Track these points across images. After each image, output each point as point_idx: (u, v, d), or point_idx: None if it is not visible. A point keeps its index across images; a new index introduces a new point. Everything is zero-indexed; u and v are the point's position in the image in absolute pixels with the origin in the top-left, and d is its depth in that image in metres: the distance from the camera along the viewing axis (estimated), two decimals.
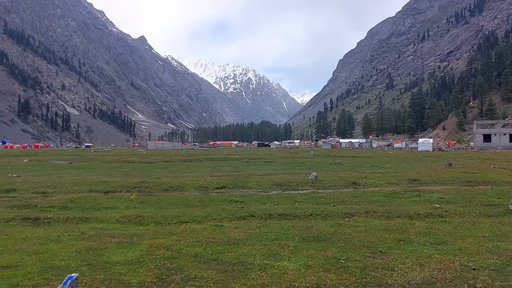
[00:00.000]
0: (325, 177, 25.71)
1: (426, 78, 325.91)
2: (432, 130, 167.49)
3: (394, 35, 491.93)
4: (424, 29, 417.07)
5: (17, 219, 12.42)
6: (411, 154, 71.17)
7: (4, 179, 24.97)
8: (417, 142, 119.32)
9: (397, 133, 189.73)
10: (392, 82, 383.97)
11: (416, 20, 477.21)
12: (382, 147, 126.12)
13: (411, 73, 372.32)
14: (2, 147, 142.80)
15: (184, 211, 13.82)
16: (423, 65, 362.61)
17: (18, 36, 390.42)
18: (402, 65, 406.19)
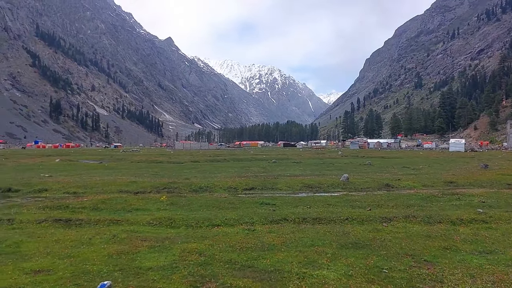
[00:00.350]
0: (357, 179, 25.05)
1: (456, 76, 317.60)
2: (463, 130, 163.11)
3: (423, 33, 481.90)
4: (454, 26, 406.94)
5: (49, 220, 12.37)
6: (442, 154, 69.41)
7: (36, 179, 25.27)
8: (447, 142, 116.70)
9: (426, 133, 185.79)
10: (420, 81, 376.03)
11: (446, 17, 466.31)
12: (411, 147, 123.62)
13: (440, 72, 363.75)
14: (35, 146, 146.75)
15: (215, 214, 13.52)
16: (453, 64, 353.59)
17: (49, 38, 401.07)
18: (431, 64, 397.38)
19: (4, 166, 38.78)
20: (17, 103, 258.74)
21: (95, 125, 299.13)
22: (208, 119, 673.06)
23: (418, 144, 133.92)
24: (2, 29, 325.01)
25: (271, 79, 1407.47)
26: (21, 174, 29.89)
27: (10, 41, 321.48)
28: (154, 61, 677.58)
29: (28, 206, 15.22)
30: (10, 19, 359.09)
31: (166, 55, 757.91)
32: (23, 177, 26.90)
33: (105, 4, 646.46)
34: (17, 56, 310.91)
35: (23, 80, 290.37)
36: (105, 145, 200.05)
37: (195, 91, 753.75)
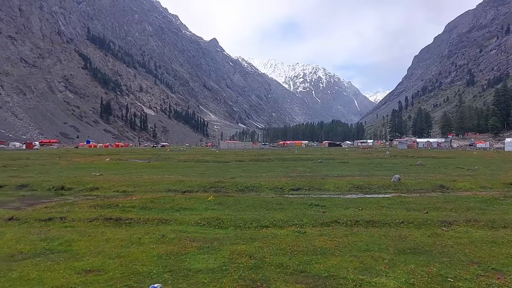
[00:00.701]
0: (409, 180, 24.04)
1: (511, 73, 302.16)
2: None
3: (475, 29, 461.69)
4: (508, 21, 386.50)
5: (99, 219, 12.51)
6: (498, 154, 66.04)
7: (88, 177, 26.01)
8: (502, 142, 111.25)
9: (479, 132, 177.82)
10: (473, 78, 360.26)
11: (499, 12, 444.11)
12: (463, 147, 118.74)
13: (494, 68, 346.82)
14: (86, 146, 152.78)
15: (263, 215, 13.20)
16: (508, 60, 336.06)
17: (100, 41, 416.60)
18: (484, 60, 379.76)
19: (57, 165, 40.31)
20: (70, 104, 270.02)
21: (143, 125, 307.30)
22: (252, 119, 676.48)
23: (471, 143, 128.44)
24: (56, 33, 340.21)
25: (315, 78, 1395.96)
26: (74, 172, 30.93)
27: (63, 45, 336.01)
28: (199, 62, 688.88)
29: (80, 204, 15.56)
30: (63, 24, 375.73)
31: (211, 56, 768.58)
32: (75, 175, 27.78)
33: (153, 7, 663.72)
34: (70, 59, 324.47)
35: (76, 82, 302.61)
36: (152, 145, 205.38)
37: (239, 91, 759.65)
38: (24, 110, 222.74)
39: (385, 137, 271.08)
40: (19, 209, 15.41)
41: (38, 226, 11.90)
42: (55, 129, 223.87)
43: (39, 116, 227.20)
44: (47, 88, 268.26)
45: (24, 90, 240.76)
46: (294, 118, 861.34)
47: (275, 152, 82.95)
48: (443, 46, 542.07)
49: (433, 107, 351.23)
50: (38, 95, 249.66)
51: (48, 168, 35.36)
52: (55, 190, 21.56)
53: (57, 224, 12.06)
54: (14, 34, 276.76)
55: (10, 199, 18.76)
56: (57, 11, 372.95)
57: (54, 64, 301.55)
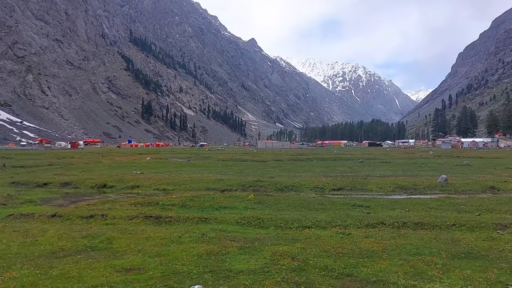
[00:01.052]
0: (456, 180, 22.97)
1: None
2: None
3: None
4: None
5: (140, 217, 12.49)
6: None
7: (129, 176, 26.40)
8: None
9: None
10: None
11: None
12: (511, 147, 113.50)
13: None
14: (128, 145, 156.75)
15: (305, 215, 12.80)
16: None
17: (142, 43, 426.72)
18: None
19: (100, 164, 41.32)
20: (113, 104, 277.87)
21: (183, 125, 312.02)
22: (289, 118, 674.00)
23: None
24: (100, 36, 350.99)
25: (355, 77, 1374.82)
26: (115, 171, 31.53)
27: (107, 47, 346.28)
28: (238, 62, 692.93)
29: (121, 202, 15.67)
30: (107, 26, 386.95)
31: (250, 56, 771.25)
32: (117, 174, 28.27)
33: (192, 8, 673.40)
34: (113, 61, 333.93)
35: (118, 83, 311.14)
36: (192, 144, 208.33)
37: (277, 90, 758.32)
38: (69, 110, 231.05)
39: (427, 137, 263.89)
40: (62, 206, 15.70)
41: (80, 223, 12.01)
42: (98, 129, 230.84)
43: (83, 116, 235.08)
44: (91, 89, 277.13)
45: (70, 91, 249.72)
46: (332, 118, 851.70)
47: (313, 152, 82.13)
48: (489, 43, 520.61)
49: (478, 105, 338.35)
50: (83, 96, 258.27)
51: (92, 167, 36.28)
52: (97, 188, 21.96)
53: (99, 222, 12.13)
54: (60, 37, 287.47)
55: (54, 196, 19.22)
56: (101, 14, 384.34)
57: (98, 66, 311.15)
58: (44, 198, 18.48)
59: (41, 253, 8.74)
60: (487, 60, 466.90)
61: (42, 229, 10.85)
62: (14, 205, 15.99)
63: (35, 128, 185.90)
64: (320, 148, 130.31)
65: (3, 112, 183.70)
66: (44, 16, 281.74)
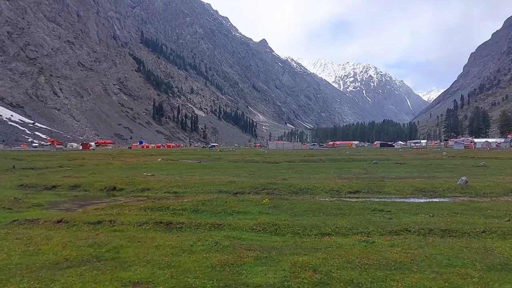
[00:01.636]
0: (476, 182, 22.10)
1: None
2: None
3: None
4: None
5: (149, 223, 11.86)
6: None
7: (139, 178, 25.86)
8: None
9: None
10: None
11: None
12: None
13: None
14: (139, 146, 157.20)
15: (324, 221, 12.09)
16: None
17: (153, 44, 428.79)
18: None
19: (111, 165, 40.93)
20: (124, 106, 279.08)
21: (194, 126, 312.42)
22: (300, 119, 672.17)
23: None
24: (111, 37, 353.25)
25: (366, 77, 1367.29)
26: (126, 173, 31.06)
27: (118, 49, 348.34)
28: (249, 63, 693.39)
29: (130, 206, 15.05)
30: (118, 28, 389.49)
31: (260, 57, 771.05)
32: (127, 176, 27.78)
33: (204, 9, 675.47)
34: (124, 62, 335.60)
35: (130, 84, 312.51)
36: (203, 145, 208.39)
37: (288, 91, 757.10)
38: (81, 112, 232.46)
39: (439, 137, 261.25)
40: (70, 211, 15.16)
41: (87, 229, 11.41)
42: (110, 130, 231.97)
43: (95, 117, 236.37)
44: (103, 91, 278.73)
45: (81, 93, 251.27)
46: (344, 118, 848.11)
47: (325, 153, 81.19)
48: (501, 43, 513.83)
49: (491, 105, 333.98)
50: (94, 98, 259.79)
51: (102, 168, 35.88)
52: (106, 190, 21.46)
53: (106, 228, 11.54)
54: (72, 39, 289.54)
55: (62, 200, 18.74)
56: (113, 16, 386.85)
57: (110, 67, 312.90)
58: (51, 201, 17.97)
59: (43, 263, 8.15)
60: (499, 60, 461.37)
61: (46, 236, 10.27)
62: (20, 209, 15.47)
63: (47, 129, 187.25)
64: (332, 149, 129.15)
65: (16, 113, 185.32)
66: (56, 18, 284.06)
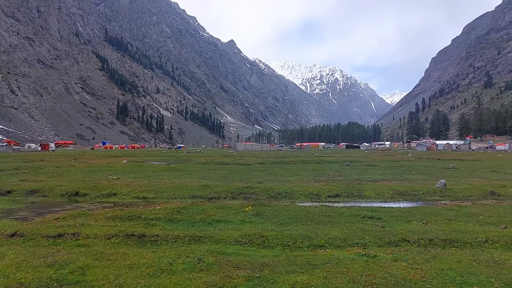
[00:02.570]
0: (454, 185, 21.82)
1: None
2: None
3: (493, 31, 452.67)
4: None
5: (119, 236, 10.45)
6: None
7: (104, 181, 24.15)
8: None
9: (497, 134, 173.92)
10: (490, 80, 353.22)
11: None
12: (482, 149, 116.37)
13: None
14: (102, 147, 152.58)
15: (314, 230, 11.04)
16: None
17: (117, 43, 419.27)
18: (502, 62, 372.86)
19: (72, 168, 38.69)
20: (87, 105, 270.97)
21: (160, 127, 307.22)
22: (268, 121, 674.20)
23: (490, 146, 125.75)
24: (74, 35, 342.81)
25: (332, 80, 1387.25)
26: (89, 176, 29.18)
27: (80, 46, 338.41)
28: (216, 63, 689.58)
29: (96, 215, 13.48)
30: (81, 25, 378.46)
31: (228, 58, 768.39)
32: (91, 179, 26.01)
33: (171, 8, 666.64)
34: (87, 61, 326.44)
35: (93, 83, 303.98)
36: (169, 146, 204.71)
37: (256, 92, 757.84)
38: (40, 111, 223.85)
39: (402, 139, 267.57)
40: (26, 220, 13.47)
41: (46, 244, 9.88)
42: (71, 130, 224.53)
43: (55, 117, 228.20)
44: (64, 90, 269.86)
45: (41, 92, 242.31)
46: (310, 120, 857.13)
47: (294, 154, 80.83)
48: (461, 48, 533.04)
49: (450, 109, 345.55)
50: (55, 97, 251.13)
51: (63, 171, 33.67)
52: (68, 196, 19.74)
53: (69, 243, 10.02)
54: (31, 35, 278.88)
55: (18, 207, 16.92)
56: (75, 13, 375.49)
57: (71, 65, 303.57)
58: (5, 209, 16.13)
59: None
60: (458, 65, 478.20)
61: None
62: None
63: (3, 129, 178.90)
64: (300, 150, 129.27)
65: None
66: (15, 13, 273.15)
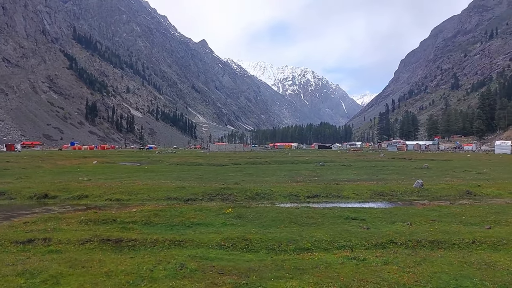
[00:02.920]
0: (430, 185, 21.99)
1: (494, 77, 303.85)
2: (503, 132, 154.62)
3: (460, 34, 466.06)
4: (492, 26, 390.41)
5: (94, 240, 9.75)
6: (492, 157, 65.59)
7: (75, 183, 23.16)
8: (487, 144, 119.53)
9: (464, 135, 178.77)
10: (457, 82, 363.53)
11: (484, 17, 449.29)
12: (450, 149, 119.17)
13: (478, 73, 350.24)
14: (71, 148, 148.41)
15: (298, 233, 10.64)
16: (491, 64, 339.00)
17: (86, 41, 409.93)
18: (469, 64, 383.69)
19: (40, 169, 37.22)
20: (54, 105, 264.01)
21: (130, 127, 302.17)
22: (240, 121, 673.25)
23: (457, 146, 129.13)
24: (40, 33, 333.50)
25: (304, 81, 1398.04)
26: (58, 177, 28.01)
27: (48, 44, 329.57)
28: (188, 63, 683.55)
29: (68, 218, 12.66)
30: (48, 23, 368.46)
31: (200, 57, 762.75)
32: (60, 180, 24.97)
33: (141, 7, 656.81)
34: (55, 59, 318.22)
35: (60, 82, 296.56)
36: (139, 147, 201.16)
37: (228, 93, 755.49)
38: (5, 111, 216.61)
39: (373, 139, 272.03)
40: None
41: (15, 251, 9.12)
42: (38, 130, 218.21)
43: (21, 117, 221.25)
44: (30, 89, 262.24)
45: (6, 91, 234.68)
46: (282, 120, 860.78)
47: (267, 155, 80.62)
48: (428, 51, 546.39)
49: (419, 110, 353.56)
50: (21, 96, 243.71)
51: (30, 172, 32.26)
52: (37, 198, 18.76)
53: (40, 248, 9.28)
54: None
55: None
56: (42, 10, 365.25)
57: (38, 64, 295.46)
58: None
59: None
60: (426, 67, 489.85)
61: None
62: None
63: None
64: (273, 151, 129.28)
65: None
66: None
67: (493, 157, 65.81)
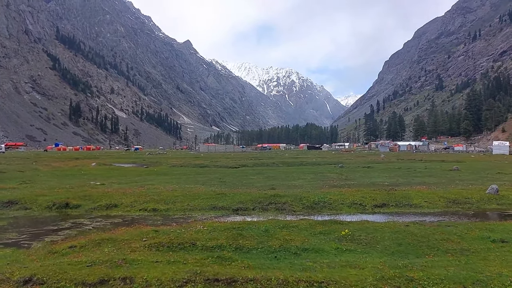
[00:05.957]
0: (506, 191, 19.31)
1: (478, 78, 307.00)
2: (490, 133, 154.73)
3: (443, 35, 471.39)
4: (475, 28, 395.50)
5: (197, 281, 6.29)
6: (494, 158, 63.25)
7: (91, 189, 19.82)
8: (475, 145, 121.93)
9: (451, 135, 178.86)
10: (441, 83, 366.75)
11: (467, 19, 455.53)
12: (440, 150, 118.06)
13: (462, 74, 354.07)
14: (55, 149, 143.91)
15: (472, 267, 7.33)
16: (475, 65, 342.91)
17: (69, 41, 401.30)
18: (452, 66, 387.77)
19: (38, 171, 33.60)
20: (37, 106, 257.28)
21: (114, 128, 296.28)
22: (225, 122, 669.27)
23: (447, 147, 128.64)
24: (23, 32, 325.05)
25: (288, 82, 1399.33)
26: (65, 181, 24.62)
27: (30, 44, 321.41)
28: (172, 64, 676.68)
29: (127, 241, 8.98)
30: (31, 23, 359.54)
31: (185, 58, 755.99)
32: (70, 185, 21.64)
33: (125, 7, 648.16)
34: (38, 59, 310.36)
35: (43, 83, 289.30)
36: (126, 148, 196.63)
37: (213, 93, 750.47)
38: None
39: (359, 140, 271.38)
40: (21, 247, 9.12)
41: None
42: (21, 131, 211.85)
43: (4, 118, 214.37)
44: (13, 89, 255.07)
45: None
46: (267, 121, 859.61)
47: (266, 156, 78.09)
48: (412, 52, 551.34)
49: (404, 110, 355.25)
50: (3, 96, 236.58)
51: (31, 176, 28.61)
52: (56, 208, 15.44)
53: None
54: None
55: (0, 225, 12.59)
56: (25, 10, 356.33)
57: (21, 64, 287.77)
58: None
59: None
60: (410, 68, 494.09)
61: None
62: None
63: None
64: (266, 151, 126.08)
65: None
66: None
67: (498, 158, 63.61)
